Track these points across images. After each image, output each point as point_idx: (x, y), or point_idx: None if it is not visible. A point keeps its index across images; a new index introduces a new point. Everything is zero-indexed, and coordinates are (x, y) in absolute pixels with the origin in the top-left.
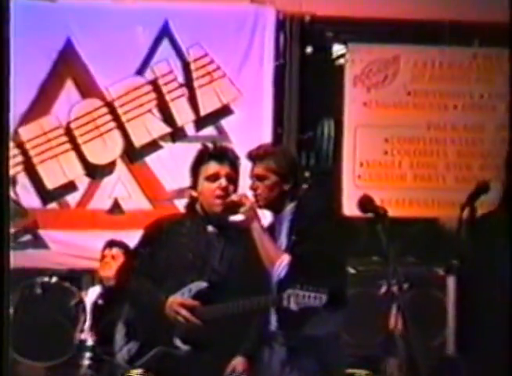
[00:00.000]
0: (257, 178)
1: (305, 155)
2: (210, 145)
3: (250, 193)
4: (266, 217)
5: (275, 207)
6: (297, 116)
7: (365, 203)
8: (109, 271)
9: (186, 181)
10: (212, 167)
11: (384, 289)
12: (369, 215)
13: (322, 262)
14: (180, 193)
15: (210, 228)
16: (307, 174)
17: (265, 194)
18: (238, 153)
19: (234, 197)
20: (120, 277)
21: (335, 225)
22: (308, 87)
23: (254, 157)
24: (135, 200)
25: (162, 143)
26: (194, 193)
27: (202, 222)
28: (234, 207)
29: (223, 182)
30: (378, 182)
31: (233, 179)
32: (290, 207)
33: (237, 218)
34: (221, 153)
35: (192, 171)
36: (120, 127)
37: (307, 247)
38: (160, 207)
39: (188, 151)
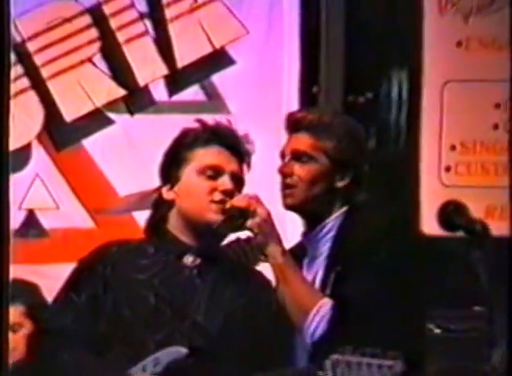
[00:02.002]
0: (294, 155)
1: None
2: (210, 122)
3: (264, 188)
4: (287, 231)
5: (315, 212)
6: (344, 65)
7: (452, 214)
8: (16, 352)
9: (154, 180)
10: (213, 154)
11: (491, 364)
12: (460, 233)
13: (384, 313)
14: (143, 198)
15: (189, 259)
16: None
17: (303, 185)
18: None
19: (236, 201)
20: (35, 349)
21: (407, 250)
22: (360, 16)
23: (298, 121)
24: (64, 213)
25: (111, 115)
26: (169, 194)
27: (174, 248)
28: (236, 219)
29: (227, 181)
30: (481, 177)
31: (240, 179)
32: (335, 217)
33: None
34: (230, 137)
35: (171, 158)
36: (39, 87)
37: (359, 285)
38: (107, 225)
39: (156, 128)
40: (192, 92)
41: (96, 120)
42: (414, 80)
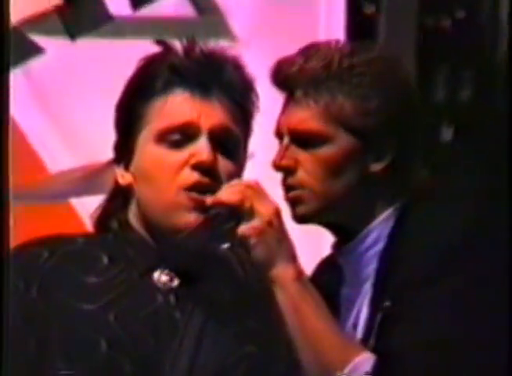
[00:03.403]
0: (295, 137)
1: (442, 75)
2: (177, 44)
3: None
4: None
5: (343, 220)
6: None
7: None
8: None
9: (107, 147)
10: (175, 104)
11: None
12: None
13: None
14: (88, 177)
15: (162, 277)
16: (448, 128)
17: (315, 183)
18: (253, 72)
19: (223, 194)
20: None
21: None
22: None
23: (292, 78)
24: None
25: (39, 40)
26: (124, 177)
27: (141, 258)
28: (222, 223)
29: (203, 147)
30: None
31: (234, 139)
32: (382, 220)
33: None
34: (204, 69)
35: (123, 119)
36: None
37: (421, 331)
38: (27, 219)
39: (113, 61)
40: (172, 3)
41: (15, 46)
42: None
